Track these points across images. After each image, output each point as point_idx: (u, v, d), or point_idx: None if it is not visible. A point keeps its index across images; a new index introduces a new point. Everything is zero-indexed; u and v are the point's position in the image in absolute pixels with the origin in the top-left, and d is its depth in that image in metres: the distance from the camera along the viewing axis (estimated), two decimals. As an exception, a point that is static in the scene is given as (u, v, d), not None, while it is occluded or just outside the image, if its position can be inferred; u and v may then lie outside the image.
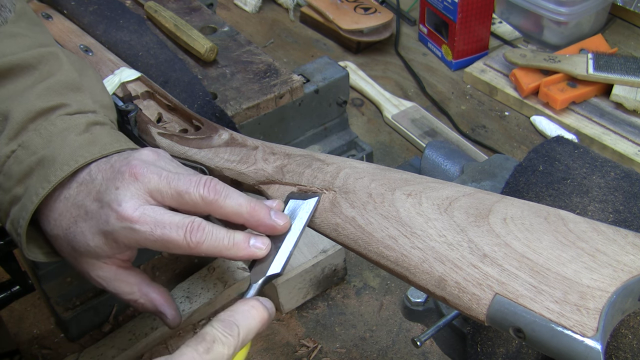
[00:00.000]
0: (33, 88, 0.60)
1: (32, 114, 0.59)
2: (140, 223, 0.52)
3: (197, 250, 0.52)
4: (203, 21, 1.03)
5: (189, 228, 0.52)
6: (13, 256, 0.75)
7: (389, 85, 1.25)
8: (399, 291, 0.88)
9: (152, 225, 0.52)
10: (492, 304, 0.42)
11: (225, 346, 0.45)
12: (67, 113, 0.60)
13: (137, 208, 0.53)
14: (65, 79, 0.63)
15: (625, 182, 0.57)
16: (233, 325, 0.46)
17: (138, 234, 0.52)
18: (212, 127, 0.68)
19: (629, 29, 1.34)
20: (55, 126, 0.59)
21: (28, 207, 0.56)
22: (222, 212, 0.54)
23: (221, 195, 0.53)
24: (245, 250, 0.53)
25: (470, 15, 1.20)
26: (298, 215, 0.55)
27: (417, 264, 0.47)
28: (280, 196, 0.59)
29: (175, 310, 0.59)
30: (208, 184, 0.53)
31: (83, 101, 0.62)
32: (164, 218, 0.52)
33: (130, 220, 0.52)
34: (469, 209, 0.48)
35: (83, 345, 0.85)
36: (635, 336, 0.50)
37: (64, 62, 0.64)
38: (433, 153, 0.77)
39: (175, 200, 0.54)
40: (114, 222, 0.53)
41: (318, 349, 0.82)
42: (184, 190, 0.53)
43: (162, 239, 0.52)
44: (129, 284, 0.58)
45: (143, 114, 0.72)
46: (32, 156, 0.57)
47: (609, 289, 0.40)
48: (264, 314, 0.48)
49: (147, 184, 0.54)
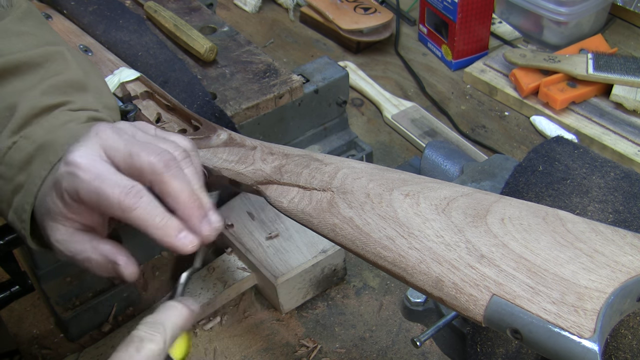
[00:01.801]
0: (39, 85, 0.61)
1: (36, 109, 0.60)
2: (83, 170, 0.51)
3: (128, 215, 0.51)
4: (203, 21, 1.03)
5: (127, 190, 0.51)
6: (13, 256, 0.75)
7: (389, 85, 1.25)
8: (398, 291, 0.88)
9: (93, 176, 0.51)
10: (490, 305, 0.42)
11: (153, 342, 0.48)
12: (70, 109, 0.61)
13: (86, 156, 0.52)
14: (71, 78, 0.64)
15: (625, 183, 0.57)
16: (157, 324, 0.49)
17: (79, 180, 0.51)
18: (211, 127, 0.68)
19: (629, 29, 1.34)
20: (57, 119, 0.60)
21: (32, 191, 0.56)
22: (163, 188, 0.52)
23: (170, 171, 0.52)
24: (171, 237, 0.52)
25: (470, 15, 1.20)
26: None
27: (414, 264, 0.47)
28: (279, 196, 0.59)
29: (128, 258, 0.57)
30: (162, 156, 0.52)
31: (87, 100, 0.63)
32: (108, 174, 0.52)
33: (75, 166, 0.52)
34: (467, 210, 0.48)
35: (83, 345, 0.85)
36: (634, 336, 0.50)
37: (71, 62, 0.65)
38: (433, 153, 0.77)
39: (125, 162, 0.52)
40: (62, 168, 0.53)
41: (318, 349, 0.82)
42: (135, 152, 0.52)
43: (98, 192, 0.51)
44: (81, 242, 0.56)
45: (142, 114, 0.72)
46: (33, 144, 0.58)
47: (606, 290, 0.40)
48: (183, 311, 0.51)
49: (105, 140, 0.53)
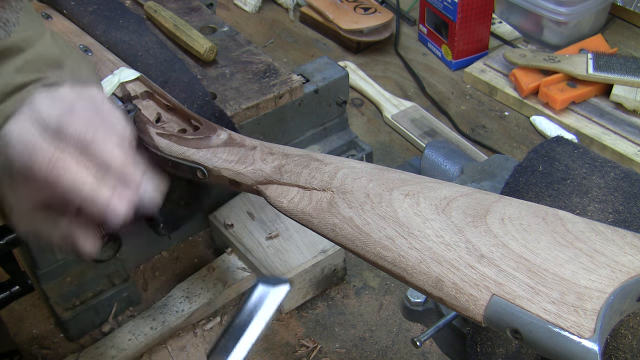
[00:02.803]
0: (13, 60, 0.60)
1: (9, 87, 0.59)
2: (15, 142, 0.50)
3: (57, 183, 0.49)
4: (203, 21, 1.03)
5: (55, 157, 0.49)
6: (13, 256, 0.75)
7: (389, 85, 1.25)
8: (398, 291, 0.88)
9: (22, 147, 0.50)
10: (489, 305, 0.42)
11: None
12: (43, 85, 0.60)
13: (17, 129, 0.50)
14: (45, 53, 0.62)
15: (625, 183, 0.57)
16: None
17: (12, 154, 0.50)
18: (211, 127, 0.68)
19: (629, 29, 1.34)
20: (28, 93, 0.59)
21: None
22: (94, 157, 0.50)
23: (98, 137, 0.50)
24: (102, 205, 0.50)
25: (470, 15, 1.20)
26: (265, 304, 0.50)
27: (414, 264, 0.47)
28: (278, 196, 0.59)
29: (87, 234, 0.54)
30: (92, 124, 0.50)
31: (61, 76, 0.62)
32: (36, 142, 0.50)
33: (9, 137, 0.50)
34: (466, 209, 0.48)
35: (83, 345, 0.85)
36: (634, 336, 0.50)
37: (47, 39, 0.64)
38: (433, 153, 0.77)
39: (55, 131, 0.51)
40: None
41: (318, 349, 0.82)
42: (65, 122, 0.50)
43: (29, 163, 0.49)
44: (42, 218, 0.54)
45: (142, 114, 0.72)
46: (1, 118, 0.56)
47: (606, 289, 0.40)
48: None
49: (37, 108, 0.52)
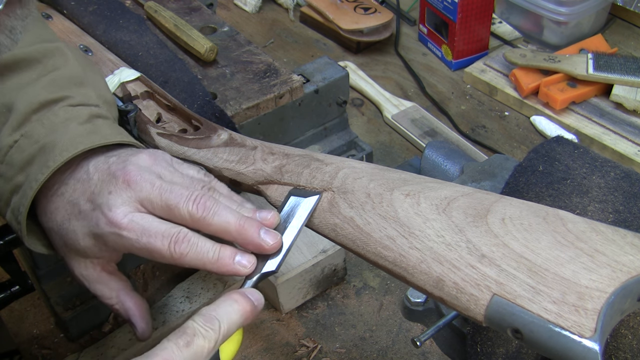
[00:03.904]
0: (38, 81, 0.61)
1: (35, 105, 0.60)
2: (128, 230, 0.53)
3: (181, 261, 0.52)
4: (203, 21, 1.03)
5: (174, 238, 0.52)
6: (13, 256, 0.75)
7: (389, 85, 1.25)
8: (398, 291, 0.88)
9: (138, 233, 0.53)
10: (490, 305, 0.42)
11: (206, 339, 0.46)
12: (70, 104, 0.61)
13: (127, 215, 0.53)
14: (69, 73, 0.64)
15: (625, 182, 0.57)
16: (214, 319, 0.47)
17: (125, 240, 0.53)
18: (211, 127, 0.68)
19: (629, 29, 1.34)
20: (57, 116, 0.59)
21: (28, 194, 0.56)
22: (210, 230, 0.54)
23: (209, 213, 0.53)
24: (228, 266, 0.53)
25: (470, 15, 1.20)
26: (297, 213, 0.55)
27: (415, 264, 0.47)
28: (279, 196, 0.59)
29: (147, 325, 0.59)
30: (198, 201, 0.53)
31: (87, 95, 0.63)
32: (151, 227, 0.53)
33: (118, 227, 0.53)
34: (467, 209, 0.48)
35: (83, 345, 0.85)
36: (635, 336, 0.50)
37: (69, 57, 0.65)
38: (433, 153, 0.77)
39: (165, 212, 0.54)
40: (103, 226, 0.54)
41: (318, 349, 0.82)
42: (173, 205, 0.54)
43: (147, 247, 0.53)
44: (109, 288, 0.59)
45: (142, 114, 0.72)
46: (34, 145, 0.58)
47: (607, 289, 0.40)
48: (246, 307, 0.49)
49: (139, 192, 0.54)
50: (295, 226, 0.55)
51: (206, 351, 0.46)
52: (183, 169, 0.60)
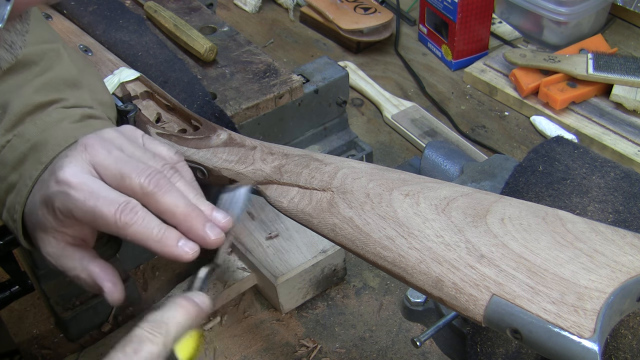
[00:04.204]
0: (32, 82, 0.61)
1: (29, 107, 0.60)
2: (76, 189, 0.51)
3: (124, 231, 0.51)
4: (203, 21, 1.03)
5: (122, 207, 0.51)
6: (13, 256, 0.75)
7: (389, 85, 1.25)
8: (398, 291, 0.88)
9: (86, 194, 0.51)
10: (489, 305, 0.42)
11: (154, 344, 0.45)
12: (63, 106, 0.61)
13: (77, 175, 0.52)
14: (64, 74, 0.64)
15: (625, 183, 0.57)
16: (160, 323, 0.47)
17: (71, 200, 0.52)
18: (211, 127, 0.68)
19: (629, 29, 1.34)
20: (50, 117, 0.60)
21: (23, 192, 0.56)
22: (157, 207, 0.52)
23: (161, 190, 0.52)
24: (171, 247, 0.52)
25: (470, 15, 1.20)
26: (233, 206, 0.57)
27: (414, 264, 0.47)
28: (279, 196, 0.59)
29: (114, 284, 0.56)
30: (152, 176, 0.52)
31: (81, 97, 0.63)
32: (101, 191, 0.52)
33: (67, 184, 0.52)
34: (466, 209, 0.48)
35: (83, 345, 0.85)
36: (634, 336, 0.50)
37: (65, 58, 0.65)
38: (433, 153, 0.77)
39: (116, 181, 0.53)
40: (53, 185, 0.53)
41: (318, 349, 0.82)
42: (126, 174, 0.52)
43: (93, 211, 0.51)
44: (72, 259, 0.57)
45: (142, 114, 0.72)
46: (26, 143, 0.58)
47: (606, 289, 0.40)
48: (190, 309, 0.49)
49: (94, 156, 0.53)
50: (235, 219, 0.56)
51: (156, 355, 0.46)
52: (152, 145, 0.58)
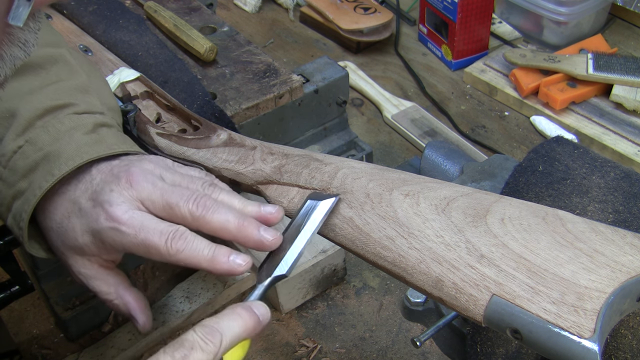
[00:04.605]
0: (42, 89, 0.62)
1: (40, 111, 0.60)
2: (127, 225, 0.54)
3: (176, 257, 0.53)
4: (203, 21, 1.03)
5: (171, 235, 0.53)
6: (13, 256, 0.75)
7: (389, 85, 1.25)
8: (398, 291, 0.88)
9: (137, 229, 0.53)
10: (489, 305, 0.42)
11: (204, 353, 0.44)
12: (75, 112, 0.61)
13: (127, 211, 0.54)
14: (75, 82, 0.64)
15: (625, 183, 0.57)
16: (216, 332, 0.45)
17: (123, 235, 0.54)
18: (211, 127, 0.68)
19: (629, 29, 1.34)
20: (62, 124, 0.60)
21: (31, 200, 0.57)
22: (209, 228, 0.54)
23: (209, 211, 0.54)
24: (223, 264, 0.53)
25: (470, 15, 1.20)
26: (312, 216, 0.54)
27: (414, 264, 0.47)
28: (278, 196, 0.59)
29: (147, 317, 0.60)
30: (198, 200, 0.54)
31: (91, 102, 0.64)
32: (150, 223, 0.54)
33: (118, 222, 0.54)
34: (466, 209, 0.48)
35: (83, 345, 0.85)
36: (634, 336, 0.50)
37: (73, 66, 0.66)
38: (433, 153, 0.77)
39: (166, 212, 0.55)
40: (103, 221, 0.54)
41: (318, 349, 0.82)
42: (174, 203, 0.54)
43: (145, 243, 0.53)
44: (107, 284, 0.59)
45: (142, 114, 0.72)
46: (39, 152, 0.58)
47: (606, 289, 0.40)
48: (249, 322, 0.47)
49: (140, 191, 0.55)
50: (309, 229, 0.54)
51: None
52: (184, 170, 0.61)
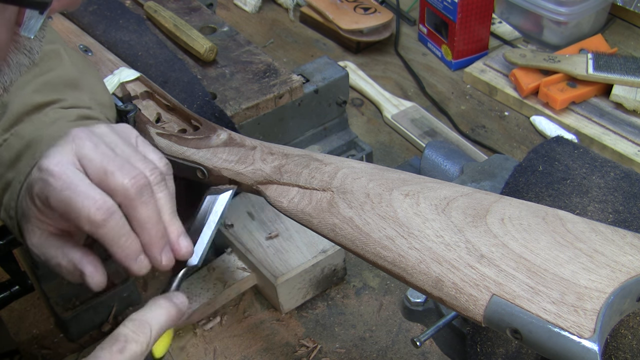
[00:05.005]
0: (32, 82, 0.62)
1: (28, 107, 0.60)
2: (55, 178, 0.50)
3: (95, 230, 0.50)
4: (203, 21, 1.03)
5: (100, 205, 0.49)
6: (13, 256, 0.75)
7: (389, 85, 1.25)
8: (398, 291, 0.88)
9: (64, 184, 0.49)
10: (489, 305, 0.42)
11: (138, 344, 0.48)
12: (61, 107, 0.61)
13: (58, 164, 0.50)
14: (64, 75, 0.64)
15: (625, 183, 0.57)
16: (145, 324, 0.49)
17: (49, 188, 0.50)
18: (211, 127, 0.68)
19: (629, 29, 1.34)
20: (47, 116, 0.60)
21: (16, 188, 0.56)
22: (131, 213, 0.51)
23: (141, 198, 0.51)
24: (130, 260, 0.52)
25: (470, 15, 1.20)
26: (214, 209, 0.60)
27: (414, 264, 0.47)
28: (278, 196, 0.59)
29: (95, 268, 0.55)
30: (137, 180, 0.51)
31: (79, 98, 0.64)
32: (80, 184, 0.50)
33: (47, 172, 0.50)
34: (466, 209, 0.48)
35: (83, 345, 0.85)
36: (634, 336, 0.50)
37: (65, 60, 0.66)
38: (433, 153, 0.77)
39: (99, 177, 0.51)
40: (35, 172, 0.52)
41: (318, 349, 0.82)
42: (110, 171, 0.51)
43: (68, 202, 0.49)
44: (54, 247, 0.55)
45: (142, 114, 0.72)
46: (22, 141, 0.58)
47: (606, 289, 0.40)
48: (172, 311, 0.51)
49: (80, 148, 0.51)
50: (213, 221, 0.59)
51: (139, 355, 0.48)
52: (145, 149, 0.57)
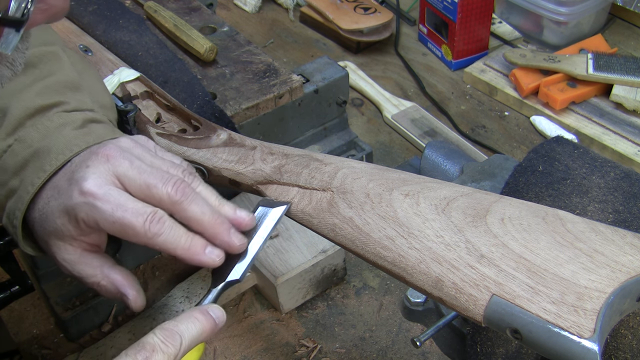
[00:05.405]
0: (32, 86, 0.61)
1: (30, 110, 0.59)
2: (102, 201, 0.51)
3: (153, 241, 0.51)
4: (203, 21, 1.03)
5: (150, 217, 0.51)
6: (13, 256, 0.75)
7: (389, 85, 1.25)
8: (398, 291, 0.88)
9: (113, 206, 0.51)
10: (489, 305, 0.42)
11: (165, 355, 0.45)
12: (64, 110, 0.61)
13: (102, 186, 0.52)
14: (64, 78, 0.64)
15: (624, 182, 0.57)
16: (175, 335, 0.47)
17: (98, 212, 0.51)
18: (211, 127, 0.68)
19: (629, 29, 1.34)
20: (52, 122, 0.59)
21: (24, 198, 0.56)
22: (184, 215, 0.53)
23: (187, 198, 0.53)
24: (199, 255, 0.52)
25: (470, 15, 1.20)
26: (264, 223, 0.56)
27: (414, 264, 0.47)
28: (278, 196, 0.59)
29: (138, 292, 0.57)
30: (178, 185, 0.53)
31: (82, 100, 0.63)
32: (127, 202, 0.52)
33: (92, 196, 0.51)
34: (466, 209, 0.48)
35: (83, 345, 0.85)
36: (634, 336, 0.50)
37: (65, 62, 0.65)
38: (433, 153, 0.77)
39: (142, 192, 0.53)
40: (76, 196, 0.52)
41: (318, 349, 0.82)
42: (152, 184, 0.53)
43: (122, 222, 0.51)
44: (91, 266, 0.57)
45: (142, 114, 0.72)
46: (28, 149, 0.57)
47: (606, 289, 0.40)
48: (206, 325, 0.49)
49: (117, 167, 0.53)
50: (261, 236, 0.56)
51: None
52: (166, 155, 0.59)
